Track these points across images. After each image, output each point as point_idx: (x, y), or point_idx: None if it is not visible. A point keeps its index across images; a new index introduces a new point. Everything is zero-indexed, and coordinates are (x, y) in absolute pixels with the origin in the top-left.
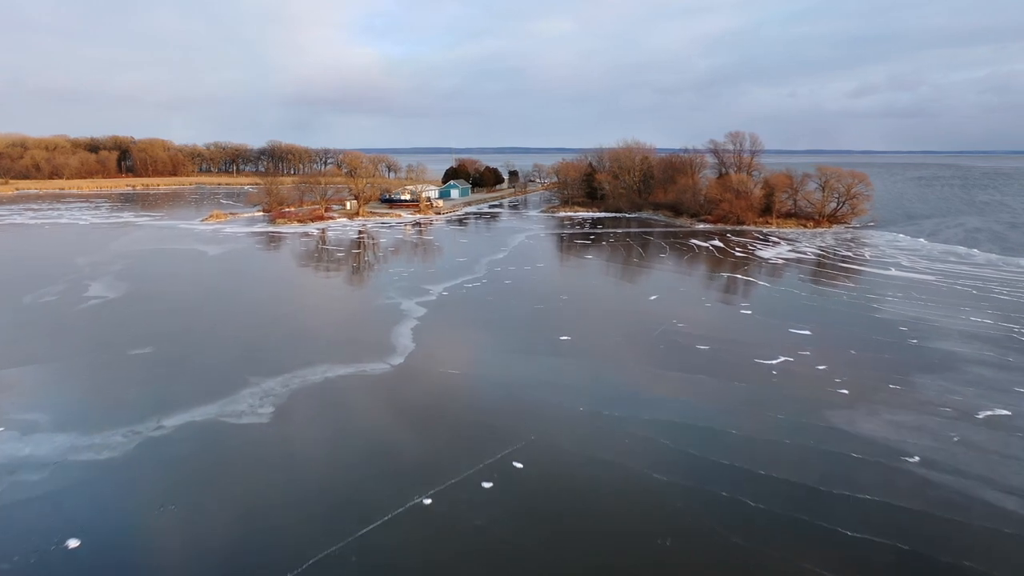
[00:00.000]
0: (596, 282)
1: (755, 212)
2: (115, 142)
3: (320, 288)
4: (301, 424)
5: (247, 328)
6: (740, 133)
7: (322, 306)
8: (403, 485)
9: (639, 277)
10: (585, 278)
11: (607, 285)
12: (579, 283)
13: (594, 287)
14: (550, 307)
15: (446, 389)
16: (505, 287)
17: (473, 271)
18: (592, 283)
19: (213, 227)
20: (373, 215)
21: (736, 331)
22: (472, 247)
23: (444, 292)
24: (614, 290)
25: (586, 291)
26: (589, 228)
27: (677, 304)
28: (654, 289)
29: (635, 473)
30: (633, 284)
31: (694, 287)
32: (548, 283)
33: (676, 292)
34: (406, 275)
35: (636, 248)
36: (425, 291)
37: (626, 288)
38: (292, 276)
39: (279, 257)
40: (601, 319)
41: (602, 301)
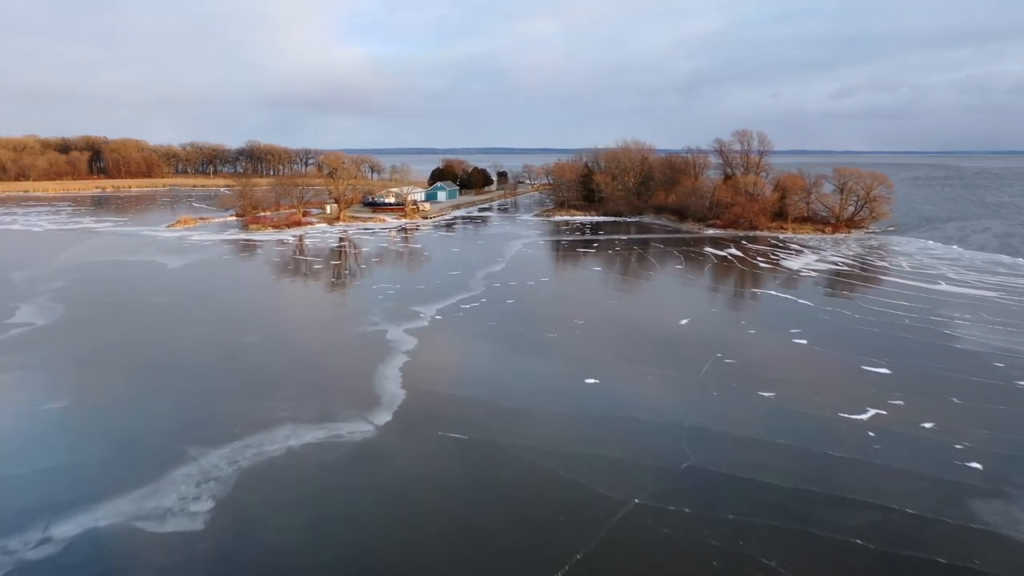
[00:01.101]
0: (612, 302)
1: (768, 216)
2: (87, 142)
3: (292, 311)
4: (248, 533)
5: (196, 370)
6: (748, 132)
7: (292, 337)
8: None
9: (660, 294)
10: (598, 296)
11: (626, 305)
12: (593, 303)
13: (611, 309)
14: (566, 337)
15: (453, 465)
16: (508, 309)
17: (469, 287)
18: (608, 303)
19: (179, 234)
20: (355, 220)
21: (798, 370)
22: (465, 257)
23: (437, 316)
24: (636, 311)
25: (603, 314)
26: (590, 234)
27: (714, 330)
28: (682, 310)
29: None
30: (656, 304)
31: (727, 307)
32: (557, 303)
33: (708, 314)
34: (392, 293)
35: (646, 257)
36: (414, 314)
37: (649, 309)
38: (260, 296)
39: (247, 271)
40: (631, 353)
41: (625, 327)
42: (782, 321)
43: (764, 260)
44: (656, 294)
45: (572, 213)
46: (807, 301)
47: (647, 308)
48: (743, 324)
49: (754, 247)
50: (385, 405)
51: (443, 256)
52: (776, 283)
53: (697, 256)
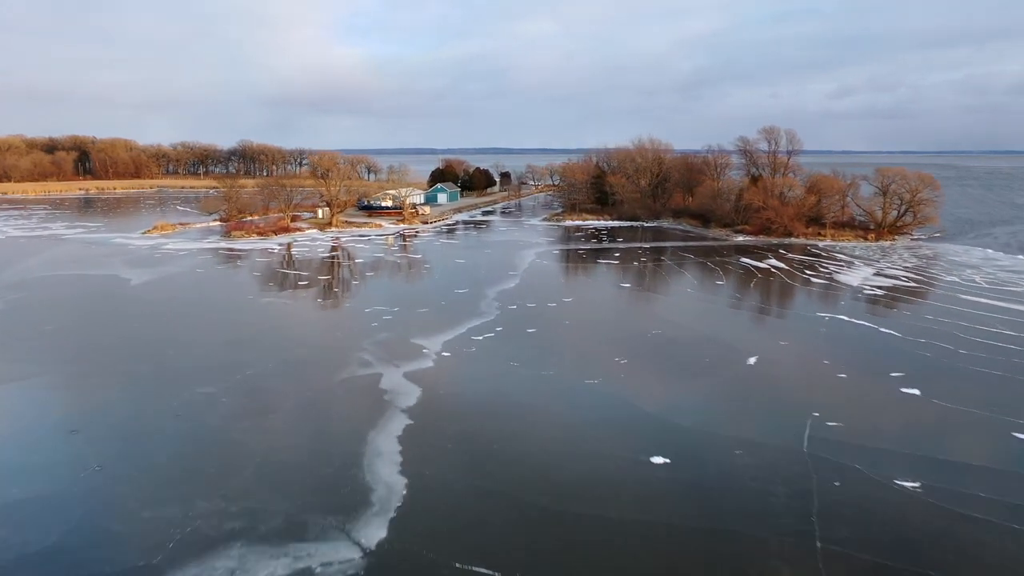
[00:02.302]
0: (654, 330)
1: (803, 222)
2: (74, 142)
3: (264, 348)
4: None
5: (120, 445)
6: (775, 129)
7: (259, 387)
8: None
9: (709, 320)
10: (635, 323)
11: (671, 335)
12: (631, 333)
13: (655, 341)
14: (609, 383)
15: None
16: (530, 341)
17: (479, 310)
18: (649, 333)
19: (153, 242)
20: (349, 225)
21: (934, 440)
22: (472, 270)
23: (444, 352)
24: (686, 345)
25: (647, 348)
26: (608, 241)
27: (795, 375)
28: (744, 343)
29: None
30: (708, 333)
31: (797, 339)
32: (588, 333)
33: (778, 349)
34: (389, 318)
35: (680, 271)
36: (416, 350)
37: (702, 341)
38: (228, 325)
39: (219, 289)
40: (699, 411)
41: (679, 368)
42: (874, 360)
43: (813, 274)
44: (704, 319)
45: (584, 217)
46: (891, 330)
47: (699, 340)
48: (827, 364)
49: (796, 257)
50: (377, 509)
51: (447, 269)
52: (841, 304)
53: (735, 268)
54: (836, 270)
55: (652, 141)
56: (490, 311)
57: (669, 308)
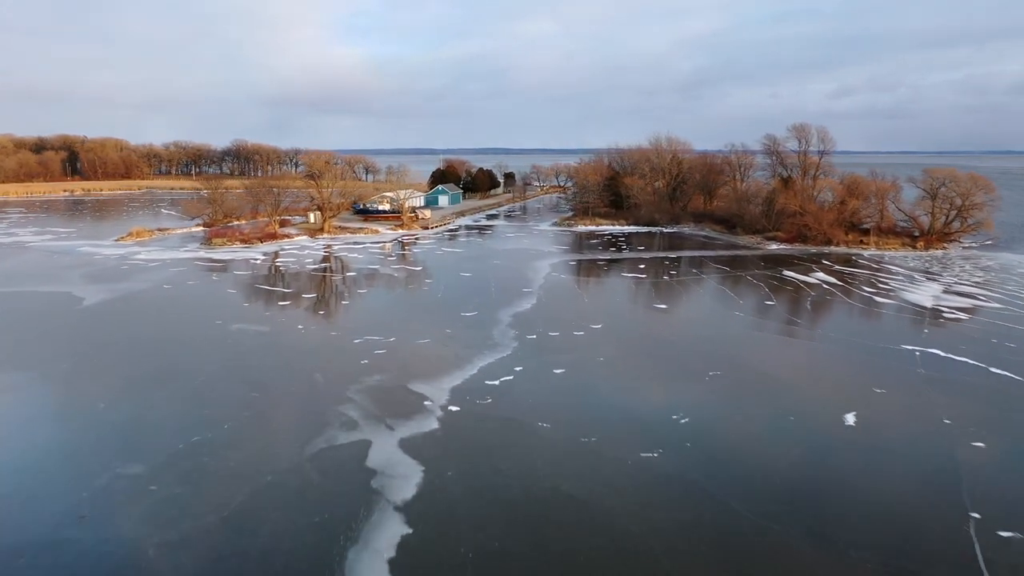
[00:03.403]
0: (712, 372)
1: (843, 228)
2: (64, 142)
3: (220, 399)
4: None
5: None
6: (806, 126)
7: (199, 471)
8: None
9: (774, 358)
10: (686, 362)
11: (737, 382)
12: (684, 376)
13: (718, 389)
14: (674, 457)
15: None
16: (559, 387)
17: (492, 340)
18: (708, 377)
19: (126, 250)
20: (342, 231)
21: None
22: (480, 286)
23: (452, 406)
24: (760, 398)
25: (712, 403)
26: (628, 250)
27: (919, 444)
28: (830, 393)
29: None
30: (780, 378)
31: (895, 386)
32: (629, 375)
33: (876, 401)
34: (382, 353)
35: (718, 287)
36: (415, 401)
37: (777, 391)
38: (180, 364)
39: (184, 311)
40: (808, 512)
41: (762, 435)
42: (1007, 419)
43: (873, 291)
44: (768, 355)
45: (597, 222)
46: (1006, 371)
47: (772, 387)
48: (948, 424)
49: (844, 270)
50: None
51: (451, 285)
52: (925, 334)
53: (780, 284)
54: (898, 286)
55: (669, 140)
56: (505, 342)
57: (720, 339)
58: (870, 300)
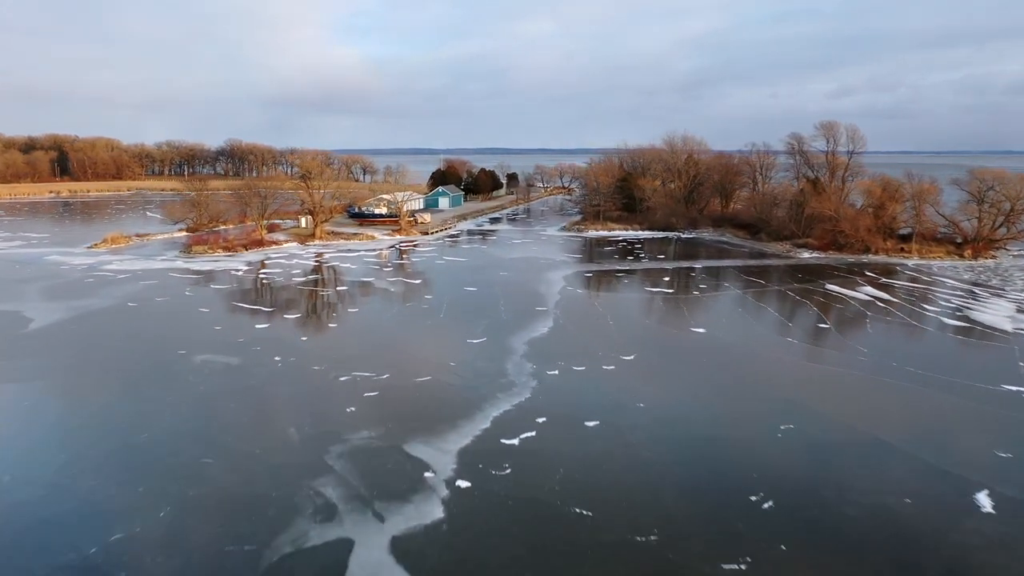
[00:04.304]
0: (785, 425)
1: (881, 235)
2: (54, 141)
3: (163, 469)
4: None
5: None
6: (835, 124)
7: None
8: None
9: (851, 401)
10: (746, 409)
11: (815, 441)
12: (748, 430)
13: (794, 450)
14: (758, 562)
15: None
16: (596, 451)
17: (507, 379)
18: (780, 432)
19: (96, 259)
20: (335, 237)
21: None
22: (487, 304)
23: (460, 480)
24: (853, 466)
25: (794, 475)
26: (648, 259)
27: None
28: (941, 457)
29: None
30: (868, 432)
31: (1020, 447)
32: (678, 431)
33: (999, 467)
34: (372, 397)
35: (758, 305)
36: (414, 473)
37: (874, 453)
38: (126, 408)
39: (143, 335)
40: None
41: (868, 524)
42: None
43: (937, 310)
44: (841, 396)
45: (609, 227)
46: None
47: (861, 445)
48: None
49: (895, 283)
50: None
51: (454, 302)
52: (1022, 369)
53: (828, 301)
54: (962, 304)
55: (685, 139)
56: (522, 381)
57: (780, 377)
58: (939, 323)
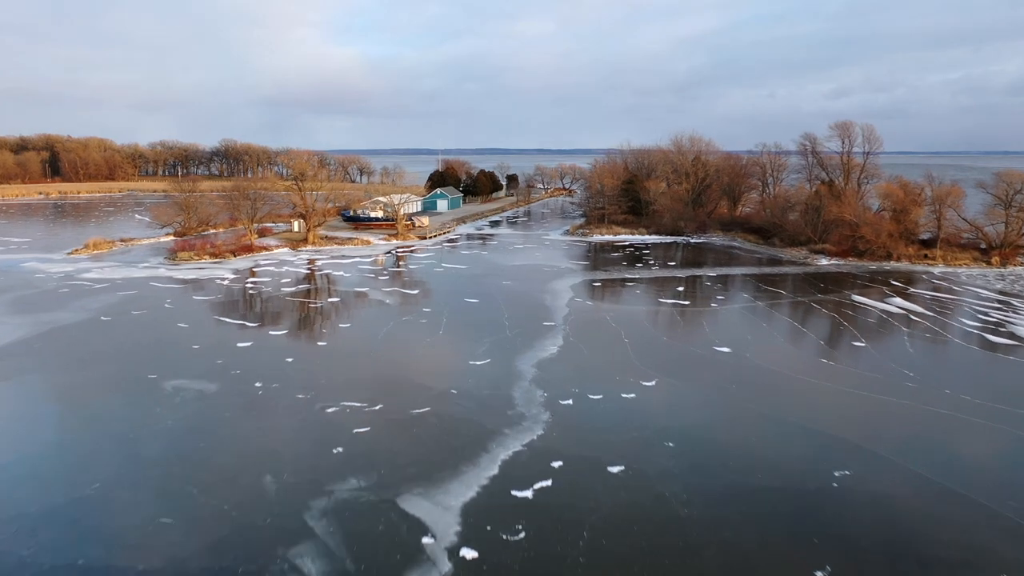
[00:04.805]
0: (840, 470)
1: (903, 241)
2: (46, 141)
3: (111, 532)
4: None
5: None
6: (849, 124)
7: None
8: None
9: (915, 439)
10: (784, 447)
11: (883, 489)
12: (794, 481)
13: (857, 500)
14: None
15: None
16: (623, 500)
17: (515, 412)
18: (833, 482)
19: (75, 267)
20: (329, 242)
21: None
22: (490, 318)
23: (465, 551)
24: (941, 537)
25: (852, 526)
26: (658, 266)
27: None
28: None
29: None
30: (943, 486)
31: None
32: (711, 475)
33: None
34: (361, 437)
35: (784, 319)
36: (408, 544)
37: (960, 510)
38: (79, 448)
39: (111, 354)
40: None
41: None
42: None
43: (977, 325)
44: (901, 433)
45: (615, 231)
46: None
47: (949, 514)
48: None
49: (925, 293)
50: None
51: (455, 315)
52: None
53: (857, 315)
54: (1004, 319)
55: (693, 139)
56: (532, 413)
57: (822, 405)
58: (982, 340)
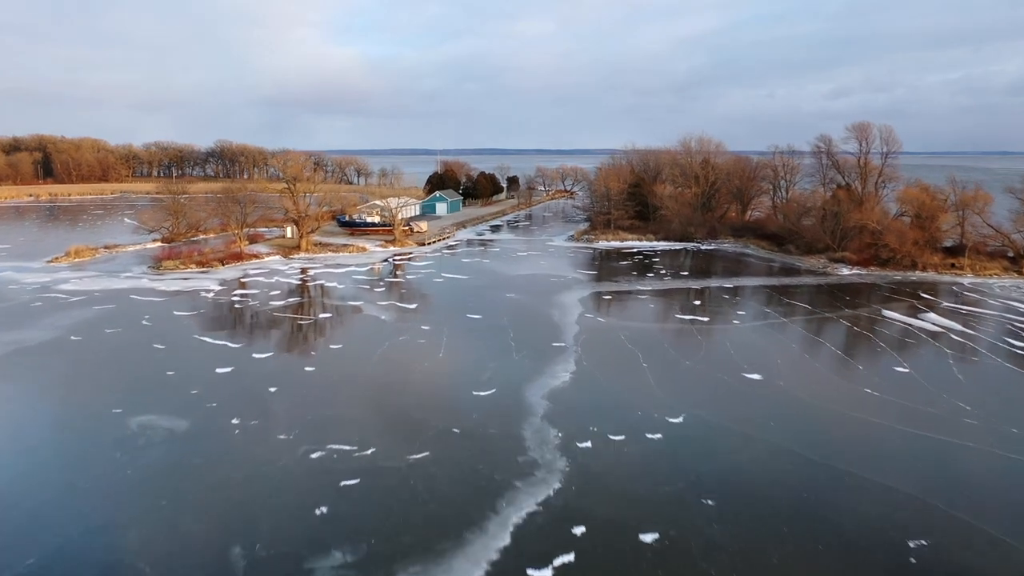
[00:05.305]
0: (914, 541)
1: (930, 249)
2: (39, 142)
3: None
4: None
5: None
6: (867, 125)
7: None
8: None
9: (986, 497)
10: (845, 504)
11: (958, 565)
12: (865, 554)
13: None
14: None
15: None
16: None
17: (526, 458)
18: (909, 564)
19: (54, 276)
20: (323, 248)
21: None
22: (494, 339)
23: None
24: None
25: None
26: (670, 276)
27: None
28: None
29: None
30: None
31: None
32: (764, 546)
33: None
34: (349, 491)
35: (811, 338)
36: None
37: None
38: (17, 509)
39: (78, 384)
40: None
41: None
42: None
43: (1021, 344)
44: (975, 492)
45: (622, 236)
46: None
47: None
48: None
49: (960, 308)
50: None
51: (455, 335)
52: None
53: (892, 333)
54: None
55: (701, 140)
56: (546, 460)
57: (877, 450)
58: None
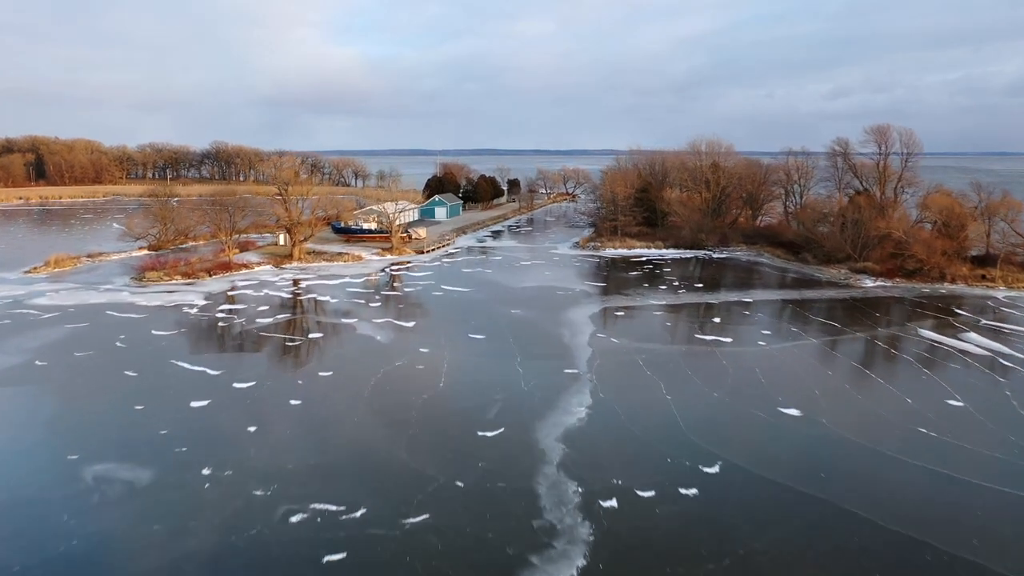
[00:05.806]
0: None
1: (958, 259)
2: (32, 143)
3: None
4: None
5: None
6: (886, 127)
7: None
8: None
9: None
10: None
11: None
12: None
13: None
14: None
15: None
16: None
17: (541, 518)
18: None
19: (29, 288)
20: (317, 257)
21: None
22: (499, 365)
23: None
24: None
25: None
26: (685, 290)
27: None
28: None
29: None
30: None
31: None
32: None
33: None
34: (335, 569)
35: (847, 363)
36: None
37: None
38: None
39: (33, 425)
40: None
41: None
42: None
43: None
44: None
45: (629, 244)
46: None
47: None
48: None
49: (1003, 327)
50: None
51: (457, 360)
52: None
53: (935, 357)
54: None
55: (711, 143)
56: (566, 524)
57: (943, 511)
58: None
